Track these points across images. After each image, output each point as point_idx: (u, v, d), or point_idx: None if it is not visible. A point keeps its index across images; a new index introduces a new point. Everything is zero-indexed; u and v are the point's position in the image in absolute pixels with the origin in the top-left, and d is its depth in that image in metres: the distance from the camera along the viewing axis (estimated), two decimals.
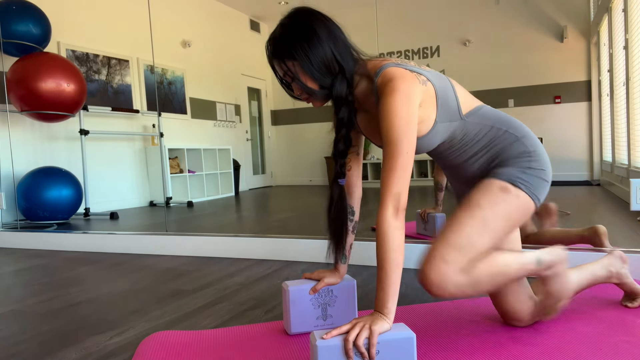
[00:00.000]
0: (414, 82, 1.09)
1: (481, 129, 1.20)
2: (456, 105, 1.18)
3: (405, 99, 1.06)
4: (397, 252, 1.01)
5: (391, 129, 1.05)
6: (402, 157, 1.04)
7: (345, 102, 1.15)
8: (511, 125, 1.20)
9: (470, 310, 1.45)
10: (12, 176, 3.83)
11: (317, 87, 1.14)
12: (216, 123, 6.35)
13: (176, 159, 5.57)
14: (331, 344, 0.93)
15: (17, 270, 2.41)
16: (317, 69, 1.12)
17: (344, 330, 0.96)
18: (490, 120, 1.20)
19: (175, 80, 5.76)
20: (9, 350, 1.34)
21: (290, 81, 1.17)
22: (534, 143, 1.20)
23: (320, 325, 1.31)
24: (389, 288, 1.00)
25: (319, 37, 1.11)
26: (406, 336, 0.95)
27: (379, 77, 1.12)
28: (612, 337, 1.19)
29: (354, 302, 1.33)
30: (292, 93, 1.22)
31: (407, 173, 1.05)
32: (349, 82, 1.15)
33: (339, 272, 1.32)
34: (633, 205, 1.83)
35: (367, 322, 0.96)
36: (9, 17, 3.63)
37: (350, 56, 1.16)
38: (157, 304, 1.72)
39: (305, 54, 1.10)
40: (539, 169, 1.18)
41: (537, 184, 1.17)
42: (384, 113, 1.07)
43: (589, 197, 3.66)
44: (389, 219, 1.01)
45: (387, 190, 1.03)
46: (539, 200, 1.19)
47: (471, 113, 1.20)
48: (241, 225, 3.50)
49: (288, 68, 1.13)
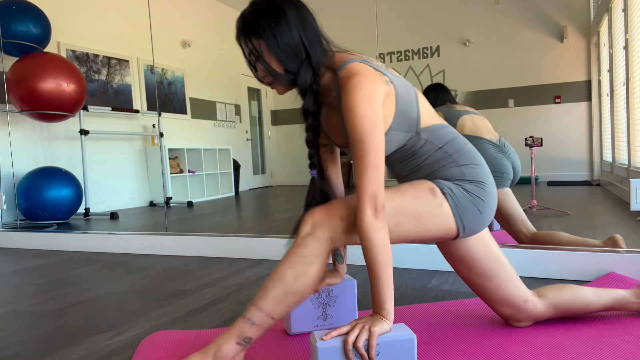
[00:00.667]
0: (376, 79, 1.06)
1: (430, 148, 1.15)
2: (416, 117, 1.14)
3: (369, 97, 1.04)
4: (384, 252, 0.99)
5: (357, 129, 1.02)
6: (372, 157, 1.02)
7: (310, 91, 1.12)
8: (461, 153, 1.16)
9: (470, 310, 1.44)
10: (12, 176, 3.83)
11: (281, 70, 1.12)
12: (216, 123, 6.35)
13: (176, 159, 5.57)
14: (331, 345, 0.93)
15: (17, 270, 2.41)
16: (282, 51, 1.09)
17: (343, 332, 0.96)
18: (442, 141, 1.16)
19: (175, 80, 5.75)
20: (9, 350, 1.34)
21: (254, 61, 1.14)
22: (477, 174, 1.14)
23: (320, 326, 1.31)
24: (384, 290, 0.99)
25: (287, 18, 1.09)
26: (406, 337, 0.95)
27: (342, 70, 1.09)
28: (613, 337, 1.19)
29: (354, 302, 1.33)
30: (257, 74, 1.19)
31: (380, 172, 1.02)
32: (315, 70, 1.12)
33: (339, 273, 1.31)
34: (633, 205, 1.83)
35: (367, 323, 0.96)
36: (9, 17, 3.63)
37: (319, 44, 1.13)
38: (157, 304, 1.72)
39: (272, 33, 1.09)
40: (477, 196, 1.13)
41: (468, 209, 1.12)
42: (347, 113, 1.04)
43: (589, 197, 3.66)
44: (369, 221, 0.99)
45: (362, 191, 1.01)
46: (463, 229, 1.12)
47: (428, 130, 1.16)
48: (241, 225, 3.50)
49: (254, 46, 1.11)
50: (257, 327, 1.02)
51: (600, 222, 2.67)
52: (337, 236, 1.05)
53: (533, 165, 2.86)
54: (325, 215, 1.06)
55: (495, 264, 1.20)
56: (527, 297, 1.23)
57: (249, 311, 1.03)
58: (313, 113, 1.13)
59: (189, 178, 5.63)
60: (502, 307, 1.25)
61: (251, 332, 1.02)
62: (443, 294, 1.65)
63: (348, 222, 1.05)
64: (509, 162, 2.18)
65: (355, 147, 1.03)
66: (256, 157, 7.04)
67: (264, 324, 1.03)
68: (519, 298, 1.22)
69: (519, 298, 1.22)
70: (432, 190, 1.11)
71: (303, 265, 1.03)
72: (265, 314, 1.02)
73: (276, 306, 1.03)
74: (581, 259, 1.77)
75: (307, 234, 1.05)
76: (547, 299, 1.25)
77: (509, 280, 1.21)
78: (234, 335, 1.02)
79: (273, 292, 1.03)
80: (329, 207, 1.07)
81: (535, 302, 1.24)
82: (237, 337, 1.02)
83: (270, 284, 1.04)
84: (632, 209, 1.82)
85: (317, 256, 1.04)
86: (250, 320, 1.02)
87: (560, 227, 2.59)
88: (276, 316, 1.03)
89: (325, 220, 1.06)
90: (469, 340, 1.22)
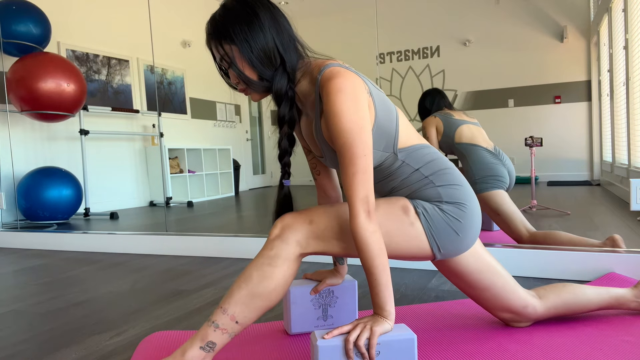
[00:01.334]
0: (359, 83, 1.02)
1: (406, 170, 1.12)
2: (394, 136, 1.10)
3: (352, 99, 1.00)
4: (381, 255, 0.98)
5: (343, 133, 0.99)
6: (361, 160, 0.99)
7: (285, 98, 1.07)
8: (438, 174, 1.11)
9: (470, 310, 1.44)
10: (12, 176, 3.83)
11: (255, 76, 1.06)
12: (216, 123, 6.35)
13: (176, 159, 5.57)
14: (332, 344, 0.93)
15: (17, 270, 2.41)
16: (256, 57, 1.04)
17: (345, 331, 0.96)
18: (419, 163, 1.12)
19: (175, 80, 5.75)
20: (9, 350, 1.34)
21: (226, 67, 1.09)
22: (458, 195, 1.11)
23: (320, 326, 1.31)
24: (384, 292, 0.98)
25: (261, 22, 1.04)
26: (407, 337, 0.95)
27: (322, 74, 1.04)
28: (613, 337, 1.19)
29: (354, 302, 1.33)
30: (229, 81, 1.15)
31: (369, 175, 1.00)
32: (290, 76, 1.07)
33: (339, 273, 1.31)
34: (633, 205, 1.83)
35: (369, 322, 0.96)
36: (9, 17, 3.63)
37: (294, 49, 1.08)
38: (157, 304, 1.72)
39: (244, 38, 1.03)
40: (454, 217, 1.09)
41: (443, 231, 1.08)
42: (332, 117, 0.99)
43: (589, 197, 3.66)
44: (364, 224, 0.97)
45: (354, 196, 0.98)
46: (439, 250, 1.09)
47: (405, 150, 1.11)
48: (241, 225, 3.50)
49: (225, 52, 1.06)
50: (221, 331, 0.99)
51: (600, 222, 2.67)
52: (306, 240, 1.03)
53: (533, 165, 2.86)
54: (295, 219, 1.05)
55: (490, 276, 1.18)
56: (526, 302, 1.23)
57: (213, 314, 1.01)
58: (289, 121, 1.08)
59: (189, 178, 5.63)
60: (501, 313, 1.26)
61: (215, 336, 0.99)
62: (443, 294, 1.65)
63: (317, 227, 1.04)
64: (505, 169, 2.22)
65: (342, 151, 1.00)
66: (256, 157, 7.03)
67: (228, 328, 1.00)
68: (518, 304, 1.22)
69: (518, 304, 1.22)
70: (405, 208, 1.08)
71: (269, 267, 1.01)
72: (229, 316, 1.00)
73: (240, 308, 1.00)
74: (581, 259, 1.77)
75: (275, 236, 1.04)
76: (547, 300, 1.25)
77: (505, 289, 1.20)
78: (198, 339, 0.99)
79: (238, 294, 1.00)
80: (301, 212, 1.07)
81: (535, 305, 1.23)
82: (201, 341, 0.99)
83: (236, 285, 1.02)
84: (632, 209, 1.82)
85: (284, 259, 1.02)
86: (215, 324, 1.00)
87: (560, 227, 2.59)
88: (240, 319, 1.00)
89: (294, 223, 1.04)
90: (468, 340, 1.22)
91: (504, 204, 2.14)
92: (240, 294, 1.00)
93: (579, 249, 1.81)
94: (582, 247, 1.84)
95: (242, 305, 1.00)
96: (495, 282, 1.19)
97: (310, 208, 1.08)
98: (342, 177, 1.02)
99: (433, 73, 4.24)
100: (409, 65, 4.30)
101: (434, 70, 4.24)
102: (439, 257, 1.11)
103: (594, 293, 1.27)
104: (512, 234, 2.12)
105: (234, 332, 1.01)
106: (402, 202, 1.09)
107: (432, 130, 2.40)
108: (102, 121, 4.83)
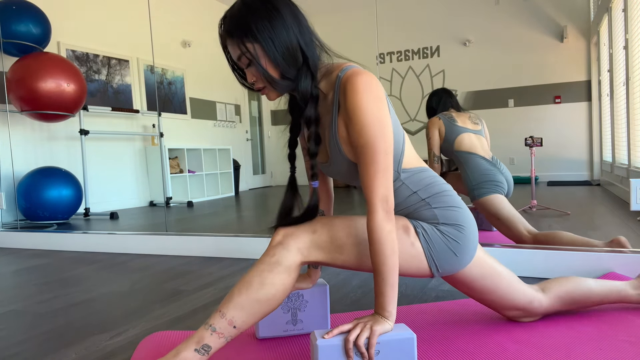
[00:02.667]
0: (381, 86, 1.02)
1: (405, 192, 1.12)
2: (400, 155, 1.10)
3: (377, 97, 0.99)
4: (394, 255, 0.98)
5: (365, 129, 0.98)
6: (382, 158, 0.99)
7: (311, 98, 1.05)
8: (435, 197, 1.11)
9: (470, 310, 1.44)
10: (12, 176, 3.83)
11: (277, 75, 1.03)
12: (216, 123, 6.35)
13: (176, 159, 5.57)
14: (332, 343, 0.93)
15: (17, 270, 2.41)
16: (280, 55, 1.00)
17: (345, 330, 0.96)
18: (417, 186, 1.11)
19: (175, 80, 5.75)
20: (9, 350, 1.34)
21: (245, 66, 1.05)
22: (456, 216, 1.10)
23: (289, 330, 1.29)
24: (389, 292, 0.98)
25: (283, 19, 1.00)
26: (407, 336, 0.95)
27: (344, 72, 1.03)
28: (613, 337, 1.19)
29: (326, 307, 1.30)
30: (243, 80, 1.12)
31: (390, 174, 1.00)
32: (314, 75, 1.05)
33: (310, 277, 1.28)
34: (633, 205, 1.83)
35: (369, 322, 0.96)
36: (9, 17, 3.63)
37: (315, 47, 1.06)
38: (157, 304, 1.72)
39: (268, 36, 0.99)
40: (453, 239, 1.09)
41: (442, 252, 1.08)
42: (355, 111, 0.98)
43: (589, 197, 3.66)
44: (382, 223, 0.97)
45: (374, 194, 0.98)
46: (437, 270, 1.09)
47: (406, 172, 1.11)
48: (241, 225, 3.50)
49: (247, 50, 1.01)
50: (218, 335, 0.99)
51: (600, 222, 2.67)
52: (307, 249, 1.03)
53: (533, 165, 2.86)
54: (298, 226, 1.05)
55: (494, 280, 1.19)
56: (532, 297, 1.23)
57: (211, 317, 1.01)
58: (315, 120, 1.06)
59: (189, 178, 5.63)
60: (508, 311, 1.27)
61: (211, 340, 0.98)
62: (443, 294, 1.65)
63: (320, 237, 1.04)
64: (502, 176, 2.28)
65: (364, 149, 0.99)
66: (256, 157, 7.03)
67: (225, 332, 0.99)
68: (524, 301, 1.23)
69: (524, 301, 1.23)
70: (406, 228, 1.08)
71: (270, 274, 1.01)
72: (227, 320, 0.99)
73: (239, 313, 0.99)
74: (581, 259, 1.77)
75: (277, 242, 1.04)
76: (551, 292, 1.26)
77: (509, 289, 1.21)
78: (194, 341, 0.98)
79: (238, 299, 1.00)
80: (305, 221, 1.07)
81: (541, 299, 1.25)
82: (196, 343, 0.98)
83: (236, 290, 1.01)
84: (632, 209, 1.82)
85: (285, 266, 1.01)
86: (212, 327, 0.99)
87: (560, 227, 2.59)
88: (238, 324, 1.00)
89: (296, 231, 1.04)
90: (468, 339, 1.22)
91: (503, 208, 2.16)
92: (239, 299, 1.00)
93: (578, 249, 1.81)
94: (582, 247, 1.83)
95: (241, 310, 1.00)
96: (498, 285, 1.19)
97: (316, 219, 1.08)
98: (362, 175, 1.00)
99: (433, 73, 4.24)
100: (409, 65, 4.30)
101: (434, 70, 4.24)
102: (437, 275, 1.11)
103: (598, 285, 1.29)
104: (513, 236, 2.12)
105: (231, 337, 1.01)
106: (403, 221, 1.10)
107: (434, 131, 2.41)
108: (102, 121, 4.84)
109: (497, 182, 2.22)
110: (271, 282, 1.01)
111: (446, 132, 2.38)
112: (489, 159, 2.29)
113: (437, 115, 2.44)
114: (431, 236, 1.08)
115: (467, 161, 2.30)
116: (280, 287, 1.01)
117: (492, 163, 2.28)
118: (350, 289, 1.77)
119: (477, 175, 2.25)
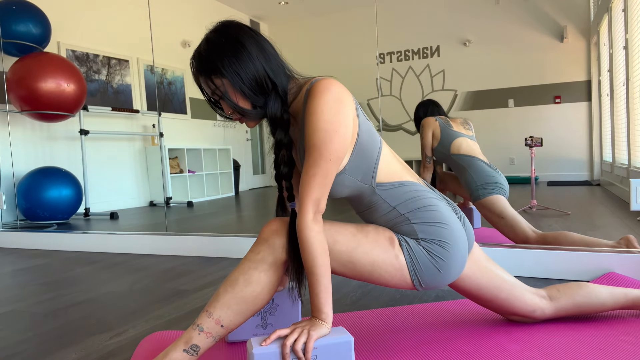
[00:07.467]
0: (348, 92, 1.02)
1: (384, 207, 1.10)
2: (373, 168, 1.08)
3: (336, 100, 0.99)
4: (324, 255, 0.98)
5: (316, 133, 0.98)
6: (325, 164, 0.98)
7: (280, 122, 1.06)
8: (416, 212, 1.09)
9: (470, 310, 1.44)
10: (12, 176, 3.83)
11: (249, 106, 1.05)
12: (216, 123, 6.35)
13: (176, 159, 5.57)
14: (268, 351, 0.92)
15: (17, 270, 2.41)
16: (248, 87, 1.03)
17: (282, 335, 0.95)
18: (396, 201, 1.09)
19: (175, 80, 5.75)
20: (9, 350, 1.34)
21: (218, 99, 1.08)
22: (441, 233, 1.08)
23: (260, 334, 1.28)
24: (323, 293, 0.98)
25: (248, 52, 1.03)
26: (343, 340, 0.95)
27: (311, 85, 1.03)
28: (613, 337, 1.19)
29: (297, 311, 1.30)
30: (222, 113, 1.14)
31: (329, 180, 0.99)
32: (283, 99, 1.07)
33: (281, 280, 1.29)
34: (633, 205, 1.83)
35: (306, 326, 0.95)
36: (9, 17, 3.63)
37: (283, 73, 1.08)
38: (157, 304, 1.72)
39: (234, 71, 1.02)
40: (437, 255, 1.07)
41: (426, 268, 1.07)
42: (310, 114, 0.98)
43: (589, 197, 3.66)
44: (310, 224, 0.98)
45: (308, 195, 0.98)
46: (420, 285, 1.08)
47: (383, 186, 1.09)
48: (241, 225, 3.50)
49: (216, 86, 1.04)
50: (206, 334, 0.99)
51: (601, 222, 2.67)
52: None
53: (533, 165, 2.86)
54: (283, 224, 1.05)
55: (495, 287, 1.19)
56: (534, 307, 1.22)
57: (199, 317, 1.01)
58: (287, 144, 1.07)
59: (189, 178, 5.63)
60: (510, 316, 1.28)
61: (199, 339, 0.99)
62: (443, 294, 1.65)
63: None
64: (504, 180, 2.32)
65: (311, 150, 0.99)
66: (256, 157, 7.03)
67: (213, 331, 0.99)
68: (525, 310, 1.23)
69: (525, 310, 1.23)
70: (392, 240, 1.08)
71: (255, 271, 1.01)
72: (214, 320, 0.99)
73: (226, 312, 1.00)
74: (581, 258, 1.77)
75: (262, 240, 1.04)
76: (558, 302, 1.24)
77: (509, 298, 1.20)
78: (182, 342, 0.99)
79: (224, 297, 1.00)
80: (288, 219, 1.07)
81: (544, 308, 1.23)
82: (185, 344, 0.99)
83: (222, 289, 1.01)
84: (632, 209, 1.82)
85: (270, 264, 1.02)
86: (199, 327, 0.99)
87: (560, 227, 2.60)
88: (225, 323, 1.00)
89: (281, 229, 1.04)
90: (468, 340, 1.22)
91: (507, 208, 2.19)
92: (225, 298, 1.00)
93: (578, 248, 1.81)
94: (582, 247, 1.83)
95: (227, 309, 1.00)
96: (500, 292, 1.19)
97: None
98: (302, 174, 1.01)
99: (433, 73, 4.24)
100: (409, 65, 4.30)
101: (434, 70, 4.24)
102: (420, 289, 1.11)
103: (609, 295, 1.25)
104: (517, 237, 2.13)
105: (219, 336, 1.01)
106: (389, 233, 1.09)
107: (428, 132, 2.42)
108: (102, 121, 4.84)
109: (500, 184, 2.25)
110: (257, 280, 1.01)
111: (442, 135, 2.40)
112: (488, 163, 2.32)
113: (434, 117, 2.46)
114: (415, 251, 1.07)
115: (469, 164, 2.31)
116: (266, 284, 1.02)
117: (492, 167, 2.31)
118: (350, 289, 1.77)
119: (483, 177, 2.27)
